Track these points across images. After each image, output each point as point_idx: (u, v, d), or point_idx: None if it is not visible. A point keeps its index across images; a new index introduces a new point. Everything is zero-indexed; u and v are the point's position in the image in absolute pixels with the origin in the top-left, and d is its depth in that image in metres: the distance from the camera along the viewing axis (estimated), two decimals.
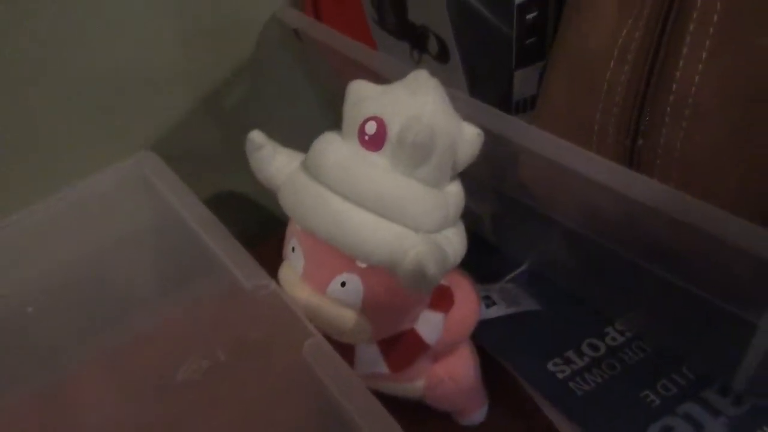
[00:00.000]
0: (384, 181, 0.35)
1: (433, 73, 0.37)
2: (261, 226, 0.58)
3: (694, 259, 0.37)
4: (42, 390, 0.45)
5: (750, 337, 0.38)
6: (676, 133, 0.37)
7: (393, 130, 0.35)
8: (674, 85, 0.36)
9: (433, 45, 0.44)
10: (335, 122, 0.38)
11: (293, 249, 0.39)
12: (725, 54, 0.35)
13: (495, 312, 0.49)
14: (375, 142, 0.35)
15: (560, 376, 0.46)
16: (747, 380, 0.42)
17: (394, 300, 0.38)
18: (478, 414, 0.47)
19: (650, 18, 0.37)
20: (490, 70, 0.45)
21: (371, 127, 0.35)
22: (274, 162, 0.39)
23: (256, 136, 0.39)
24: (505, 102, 0.46)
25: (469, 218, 0.40)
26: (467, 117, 0.38)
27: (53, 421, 0.43)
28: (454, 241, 0.37)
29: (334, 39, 0.50)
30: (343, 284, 0.37)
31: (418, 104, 0.35)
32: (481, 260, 0.48)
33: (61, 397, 0.44)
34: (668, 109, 0.36)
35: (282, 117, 0.61)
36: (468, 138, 0.37)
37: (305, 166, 0.38)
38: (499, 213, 0.52)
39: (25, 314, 0.44)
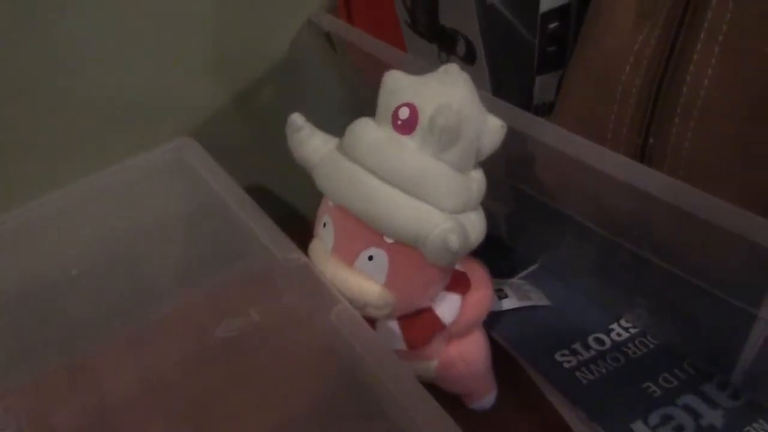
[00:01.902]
0: (414, 161, 0.38)
1: None
2: (282, 219, 0.61)
3: (699, 251, 0.39)
4: (78, 360, 0.47)
5: (749, 329, 0.41)
6: (685, 133, 0.39)
7: (425, 116, 0.38)
8: (684, 88, 0.39)
9: (461, 47, 0.47)
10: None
11: (324, 225, 0.41)
12: (733, 61, 0.37)
13: (507, 304, 0.52)
14: (407, 126, 0.38)
15: (567, 365, 0.49)
16: (744, 375, 0.45)
17: (416, 275, 0.40)
18: (487, 399, 0.49)
19: (665, 27, 0.40)
20: (513, 74, 0.48)
21: (404, 113, 0.38)
22: (311, 143, 0.42)
23: (297, 118, 0.42)
24: (525, 106, 0.49)
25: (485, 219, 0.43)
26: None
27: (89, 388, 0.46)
28: (476, 223, 0.40)
29: (365, 41, 0.53)
30: (370, 258, 0.40)
31: (448, 93, 0.38)
32: (496, 259, 0.51)
33: (99, 363, 0.47)
34: (678, 110, 0.39)
35: (311, 117, 0.64)
36: (492, 128, 0.40)
37: (341, 147, 0.41)
38: (514, 213, 0.55)
39: (69, 278, 0.46)
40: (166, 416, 0.43)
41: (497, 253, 0.57)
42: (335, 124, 0.44)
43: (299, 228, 0.45)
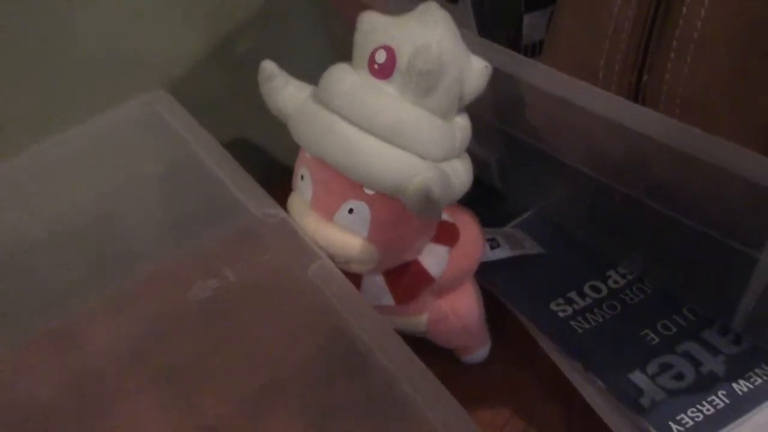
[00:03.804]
0: (393, 108, 0.36)
1: None
2: (266, 174, 0.59)
3: (697, 193, 0.37)
4: (58, 325, 0.46)
5: (750, 273, 0.39)
6: (681, 68, 0.37)
7: (402, 59, 0.36)
8: (680, 21, 0.37)
9: None
10: None
11: (302, 177, 0.39)
12: None
13: (499, 254, 0.50)
14: (384, 70, 0.36)
15: (562, 315, 0.47)
16: (745, 319, 0.43)
17: (400, 227, 0.38)
18: (480, 352, 0.48)
19: None
20: (500, 12, 0.46)
21: (381, 56, 0.36)
22: (285, 92, 0.39)
23: (268, 65, 0.39)
24: (514, 46, 0.47)
25: (476, 165, 0.41)
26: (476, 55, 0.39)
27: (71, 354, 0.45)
28: (460, 171, 0.38)
29: None
30: (350, 211, 0.38)
31: (427, 34, 0.36)
32: (488, 207, 0.49)
33: (79, 328, 0.45)
34: (674, 43, 0.37)
35: (291, 65, 0.61)
36: (476, 70, 0.37)
37: (316, 95, 0.38)
38: (506, 158, 0.53)
39: (40, 240, 0.45)
40: (148, 380, 0.42)
41: (489, 201, 0.55)
42: (317, 73, 0.42)
43: (283, 183, 0.43)
